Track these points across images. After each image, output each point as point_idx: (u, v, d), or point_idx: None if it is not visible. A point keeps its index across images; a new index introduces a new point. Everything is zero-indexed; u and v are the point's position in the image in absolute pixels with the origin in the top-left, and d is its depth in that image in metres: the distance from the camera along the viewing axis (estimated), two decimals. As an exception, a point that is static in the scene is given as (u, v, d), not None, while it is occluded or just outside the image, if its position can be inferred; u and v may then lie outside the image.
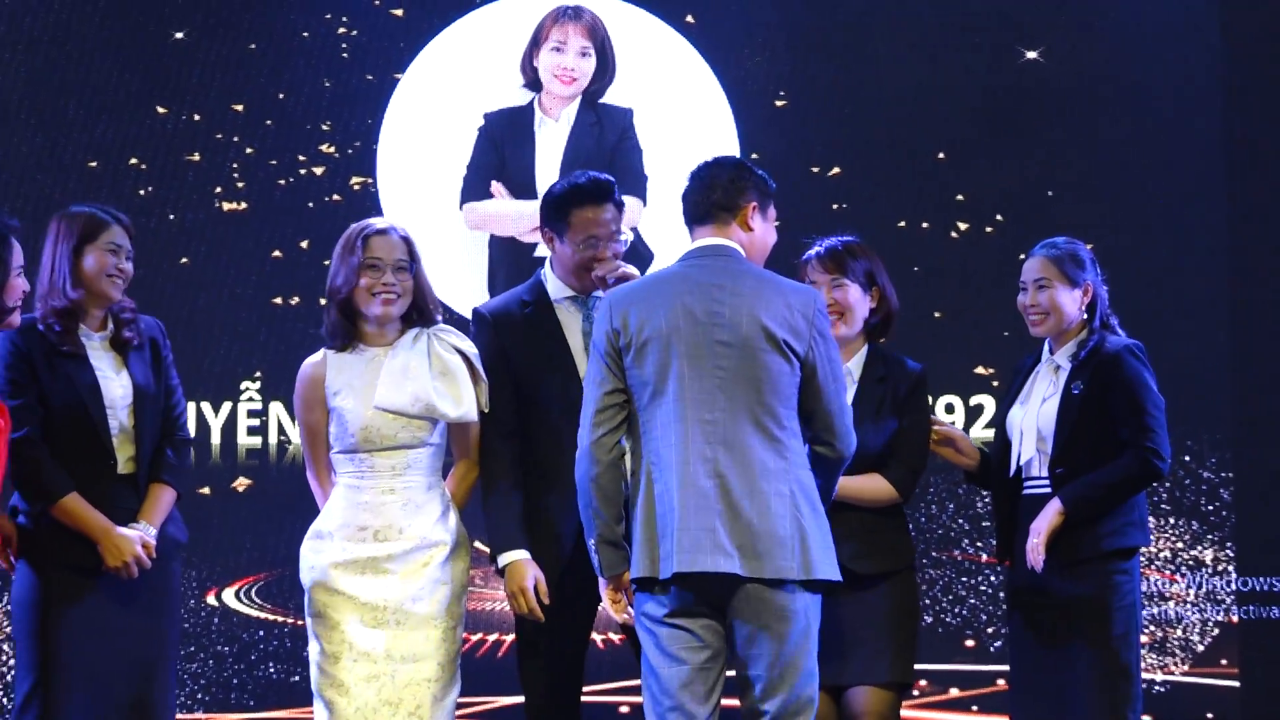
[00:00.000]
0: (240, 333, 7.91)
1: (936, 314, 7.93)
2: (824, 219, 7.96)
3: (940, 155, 8.18)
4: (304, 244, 8.02)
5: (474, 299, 7.92)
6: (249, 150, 8.08)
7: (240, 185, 8.06)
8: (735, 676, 4.95)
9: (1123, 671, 5.55)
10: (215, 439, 7.93)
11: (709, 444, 4.93)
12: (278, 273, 7.99)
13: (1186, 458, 8.07)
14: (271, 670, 7.93)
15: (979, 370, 8.09)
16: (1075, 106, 8.23)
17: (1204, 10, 8.28)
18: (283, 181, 8.08)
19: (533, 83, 8.15)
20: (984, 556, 7.96)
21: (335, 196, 8.08)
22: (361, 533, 5.43)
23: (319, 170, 8.10)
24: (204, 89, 8.07)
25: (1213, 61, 8.26)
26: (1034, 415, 5.68)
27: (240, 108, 8.08)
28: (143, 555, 5.37)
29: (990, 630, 7.92)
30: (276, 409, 7.91)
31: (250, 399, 7.95)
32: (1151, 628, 8.03)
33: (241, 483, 7.90)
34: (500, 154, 8.13)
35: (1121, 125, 8.21)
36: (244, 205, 8.06)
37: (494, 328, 5.61)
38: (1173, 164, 8.21)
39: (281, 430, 7.94)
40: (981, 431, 7.85)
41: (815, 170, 8.19)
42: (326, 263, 5.57)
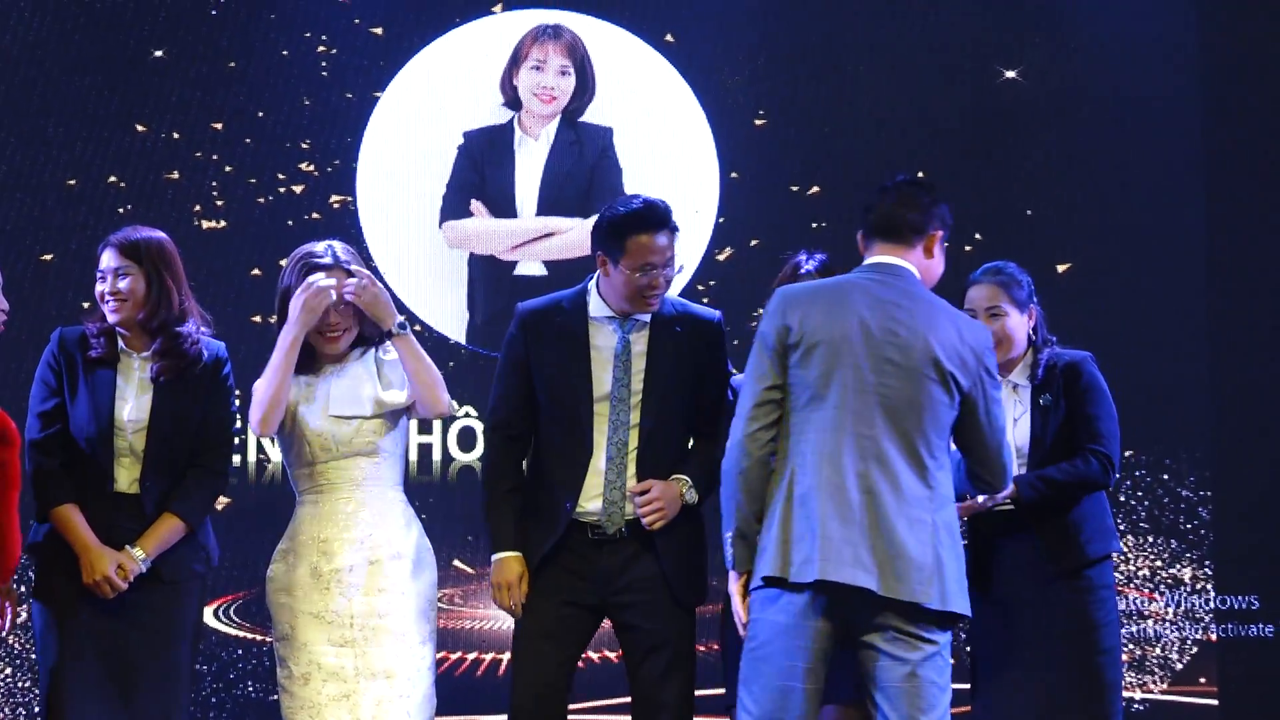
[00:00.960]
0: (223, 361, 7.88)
1: (916, 332, 7.92)
2: (804, 238, 7.96)
3: (919, 174, 8.19)
4: (283, 262, 7.96)
5: (453, 317, 7.94)
6: (228, 168, 8.08)
7: (220, 203, 8.06)
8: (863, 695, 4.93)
9: (1111, 687, 5.56)
10: (194, 457, 7.91)
11: (862, 458, 4.87)
12: (257, 291, 7.96)
13: (1165, 476, 8.08)
14: (250, 689, 7.90)
15: (958, 389, 8.09)
16: (1054, 125, 8.25)
17: (1182, 28, 8.31)
18: (262, 200, 8.08)
19: (512, 101, 8.16)
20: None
21: (315, 215, 8.07)
22: (323, 545, 5.43)
23: (298, 188, 8.10)
24: (183, 107, 8.06)
25: (1191, 79, 8.29)
26: (1009, 436, 5.66)
27: (220, 126, 8.08)
28: (115, 578, 5.32)
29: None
30: (255, 427, 7.89)
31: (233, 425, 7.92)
32: (1131, 646, 8.03)
33: (220, 501, 7.88)
34: (480, 172, 8.13)
35: (1100, 144, 8.23)
36: (223, 223, 8.06)
37: (523, 328, 5.58)
38: (1151, 182, 8.23)
39: (260, 449, 7.93)
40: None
41: (795, 189, 8.20)
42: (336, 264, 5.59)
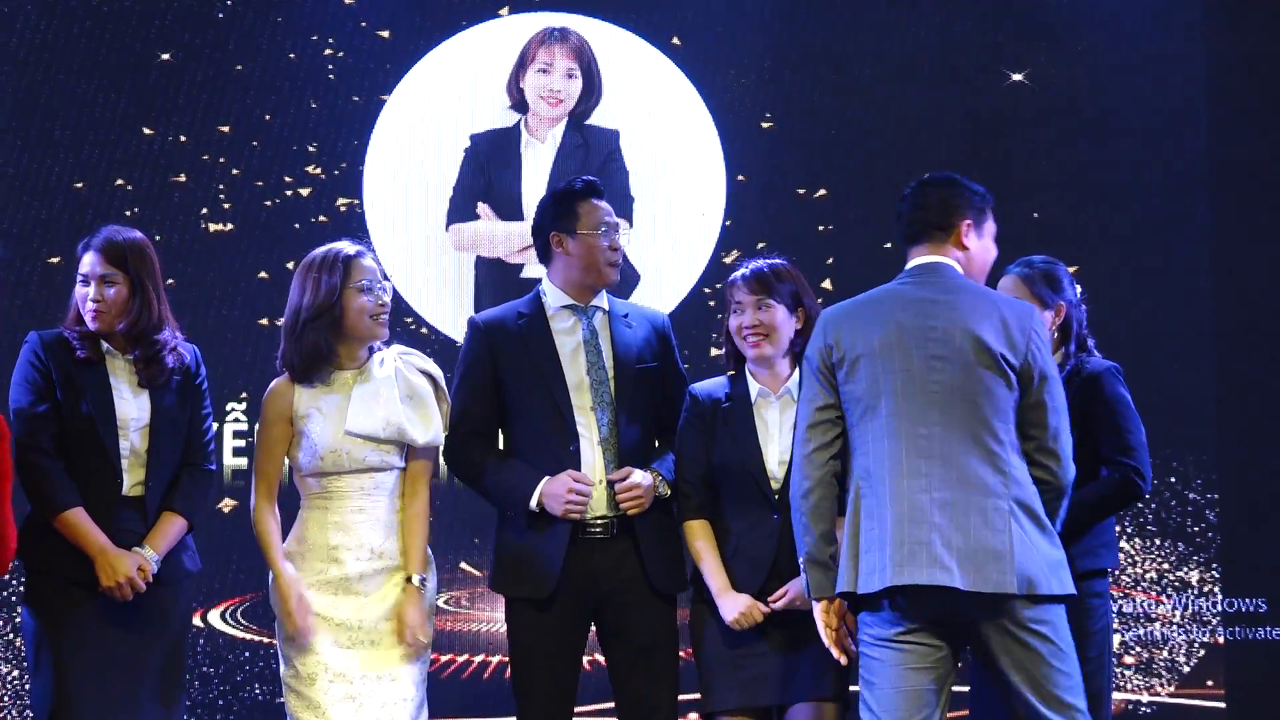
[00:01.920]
0: (226, 354, 7.89)
1: (922, 335, 7.91)
2: (810, 241, 7.98)
3: (926, 177, 8.18)
4: (290, 265, 7.98)
5: (460, 320, 7.93)
6: (235, 171, 8.08)
7: (226, 206, 8.06)
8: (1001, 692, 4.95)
9: (1095, 695, 5.54)
10: (201, 460, 7.92)
11: (923, 458, 4.89)
12: (264, 294, 7.98)
13: (1172, 479, 8.08)
14: (257, 691, 7.91)
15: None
16: (1061, 128, 8.25)
17: (1188, 33, 8.31)
18: (269, 203, 8.08)
19: (519, 104, 8.16)
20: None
21: (321, 218, 8.08)
22: (333, 552, 5.44)
23: (305, 191, 8.10)
24: (190, 110, 8.07)
25: (1197, 84, 8.28)
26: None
27: (226, 129, 8.08)
28: (137, 579, 5.34)
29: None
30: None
31: (236, 420, 7.93)
32: (1138, 649, 8.03)
33: (227, 504, 7.89)
34: (486, 175, 8.14)
35: (1106, 147, 8.23)
36: (230, 226, 8.06)
37: (485, 334, 5.66)
38: (1157, 186, 8.23)
39: (267, 452, 7.94)
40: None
41: (801, 192, 8.20)
42: (335, 271, 5.57)
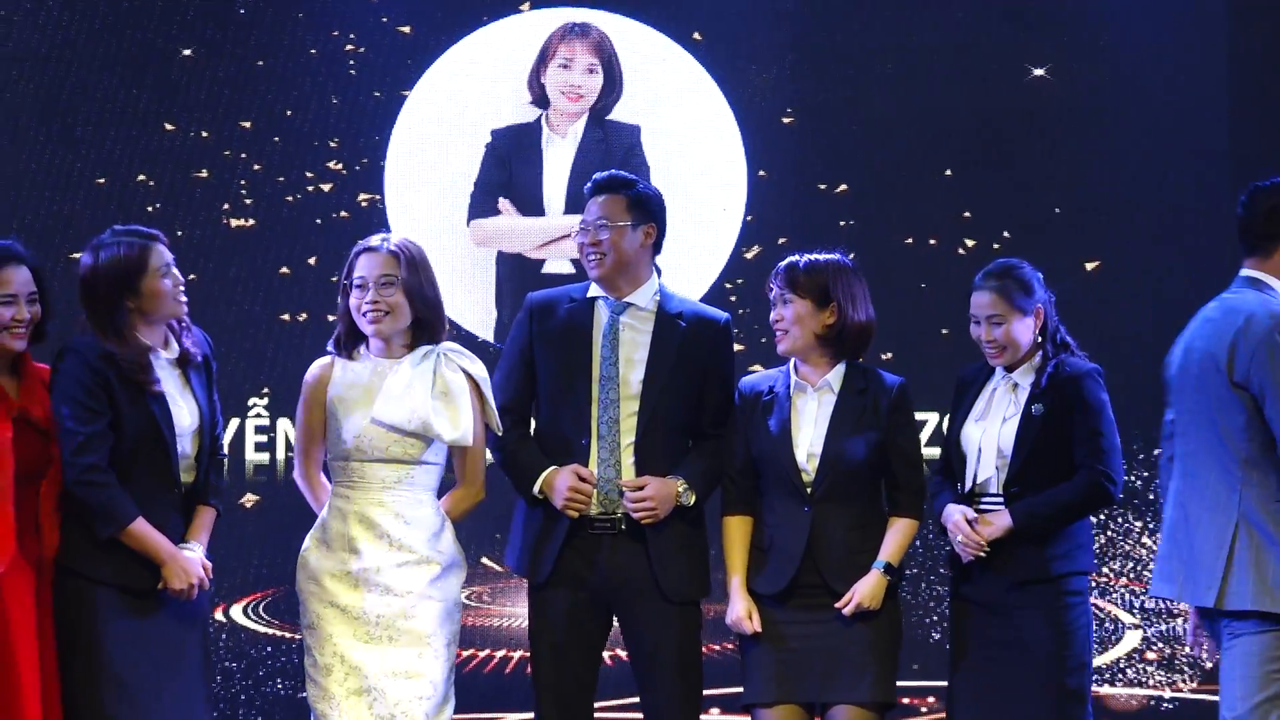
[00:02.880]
0: (248, 349, 7.90)
1: (944, 330, 7.92)
2: (831, 236, 7.96)
3: (947, 172, 8.19)
4: (311, 261, 8.02)
5: (481, 316, 7.95)
6: (257, 167, 8.09)
7: (248, 202, 8.07)
8: None
9: (1075, 695, 5.56)
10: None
11: (1183, 478, 5.32)
12: (285, 289, 7.99)
13: (1194, 474, 8.06)
14: (279, 686, 7.92)
15: (986, 387, 8.08)
16: (1082, 123, 8.23)
17: (1210, 27, 8.28)
18: (290, 198, 8.09)
19: (540, 99, 8.16)
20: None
21: (343, 213, 8.08)
22: (351, 544, 5.45)
23: (326, 187, 8.11)
24: (212, 106, 8.08)
25: (1219, 78, 8.26)
26: (994, 434, 5.65)
27: (248, 124, 8.09)
28: (204, 578, 5.38)
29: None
30: (284, 425, 7.90)
31: (258, 415, 7.95)
32: (1160, 645, 8.02)
33: (249, 499, 7.90)
34: (507, 170, 8.14)
35: (1128, 142, 8.21)
36: (252, 222, 8.07)
37: (530, 313, 5.74)
38: (1180, 180, 8.21)
39: (289, 446, 7.93)
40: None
41: (822, 187, 8.19)
42: (334, 279, 5.64)
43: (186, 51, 8.09)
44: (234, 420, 7.90)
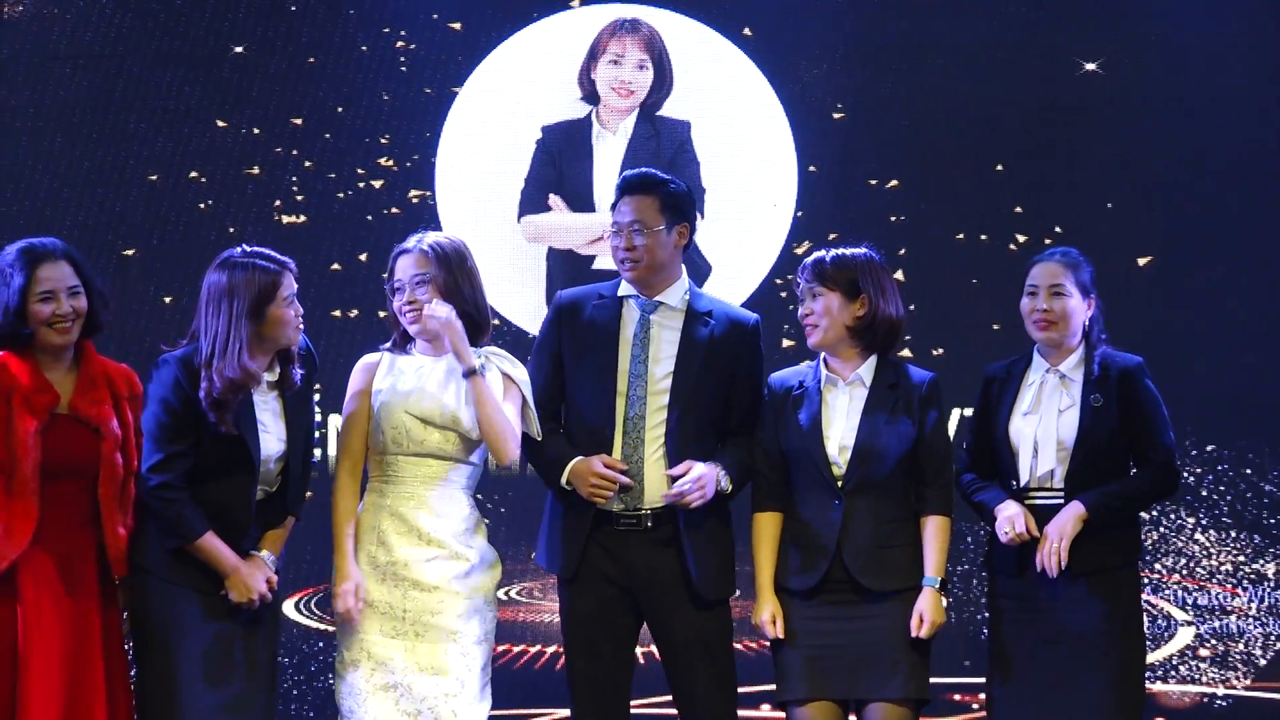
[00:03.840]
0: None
1: (995, 326, 7.89)
2: (882, 231, 7.95)
3: (998, 167, 8.16)
4: (362, 257, 8.05)
5: (532, 312, 7.95)
6: (308, 164, 8.12)
7: (299, 198, 8.10)
8: None
9: (1135, 685, 5.57)
10: (274, 451, 7.96)
11: None
12: (336, 286, 8.01)
13: (1248, 470, 8.03)
14: (331, 681, 7.92)
15: (1038, 383, 8.05)
16: (1134, 118, 8.20)
17: (1263, 21, 8.23)
18: (341, 195, 8.11)
19: (590, 95, 8.16)
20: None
21: (394, 209, 8.10)
22: (383, 536, 5.47)
23: (378, 183, 8.13)
24: (263, 103, 8.11)
25: (1272, 72, 8.21)
26: (1052, 426, 5.65)
27: (299, 121, 8.12)
28: (266, 591, 5.39)
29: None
30: (335, 421, 7.89)
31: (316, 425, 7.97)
32: (1213, 642, 7.99)
33: (300, 495, 7.92)
34: (558, 167, 8.15)
35: (1180, 136, 8.17)
36: (303, 218, 8.10)
37: (560, 310, 5.76)
38: (1233, 175, 8.16)
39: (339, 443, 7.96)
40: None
41: (873, 183, 8.18)
42: (385, 275, 5.64)
43: (238, 49, 8.13)
44: (286, 416, 7.92)
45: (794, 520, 5.60)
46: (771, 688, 5.65)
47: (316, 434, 5.65)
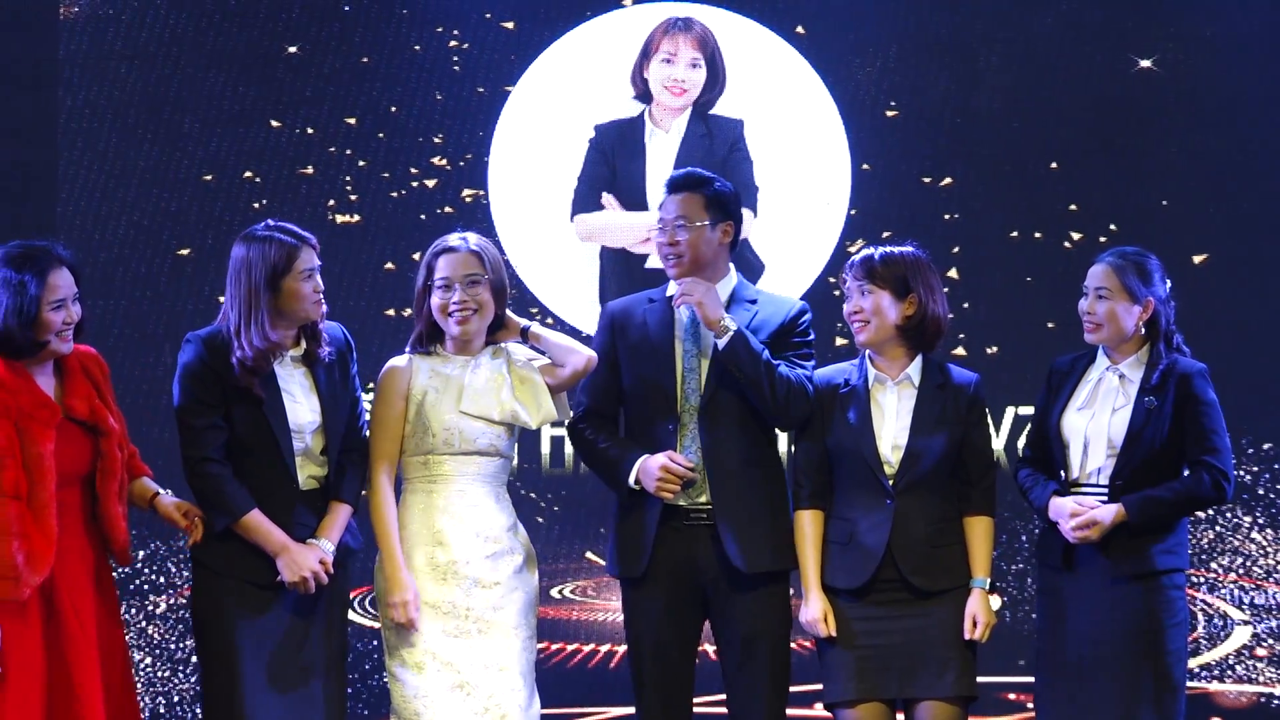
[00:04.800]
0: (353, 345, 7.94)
1: (1050, 324, 7.87)
2: (936, 230, 7.95)
3: (1053, 165, 8.14)
4: (416, 256, 7.99)
5: (585, 310, 7.96)
6: (361, 163, 8.14)
7: (353, 198, 8.12)
8: None
9: (1174, 688, 5.56)
10: (329, 450, 7.98)
11: None
12: (390, 285, 8.04)
13: (1307, 471, 8.01)
14: (385, 680, 7.95)
15: (1092, 381, 8.03)
16: (1189, 116, 8.16)
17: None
18: (395, 194, 8.14)
19: (643, 94, 8.17)
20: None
21: (447, 209, 8.12)
22: (438, 536, 5.49)
23: (431, 183, 8.15)
24: (317, 102, 8.14)
25: (1329, 69, 8.18)
26: (1104, 424, 5.64)
27: (353, 121, 8.14)
28: (320, 571, 5.40)
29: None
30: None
31: (364, 411, 7.98)
32: (1270, 641, 7.96)
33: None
34: (611, 165, 8.15)
35: (1236, 133, 8.13)
36: (357, 218, 8.12)
37: (610, 318, 5.81)
38: (1288, 173, 8.13)
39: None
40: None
41: (927, 181, 8.16)
42: (420, 272, 5.66)
43: (292, 49, 8.16)
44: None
45: (838, 519, 5.61)
46: (819, 687, 5.65)
47: (368, 433, 5.64)
